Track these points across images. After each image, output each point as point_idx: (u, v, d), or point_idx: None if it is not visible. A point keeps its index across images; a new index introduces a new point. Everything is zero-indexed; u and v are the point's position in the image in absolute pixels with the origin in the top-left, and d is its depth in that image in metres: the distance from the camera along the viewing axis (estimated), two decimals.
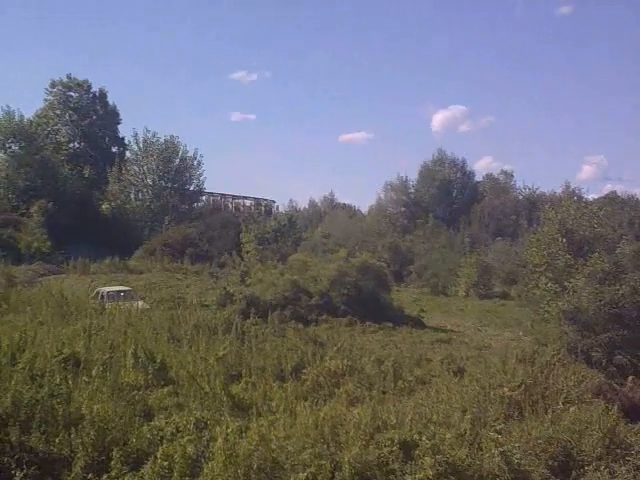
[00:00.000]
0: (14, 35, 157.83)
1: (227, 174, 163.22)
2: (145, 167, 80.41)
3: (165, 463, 12.53)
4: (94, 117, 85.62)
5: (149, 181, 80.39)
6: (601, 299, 24.97)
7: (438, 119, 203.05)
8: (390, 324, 34.63)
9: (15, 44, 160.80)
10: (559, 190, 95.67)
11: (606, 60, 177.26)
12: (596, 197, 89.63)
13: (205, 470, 12.55)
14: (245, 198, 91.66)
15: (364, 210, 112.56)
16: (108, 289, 38.63)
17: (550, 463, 15.50)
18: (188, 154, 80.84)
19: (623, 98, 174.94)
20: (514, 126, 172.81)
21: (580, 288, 26.67)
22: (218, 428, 14.20)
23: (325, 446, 13.43)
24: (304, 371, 20.66)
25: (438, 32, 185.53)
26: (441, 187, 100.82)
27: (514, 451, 14.70)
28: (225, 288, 37.12)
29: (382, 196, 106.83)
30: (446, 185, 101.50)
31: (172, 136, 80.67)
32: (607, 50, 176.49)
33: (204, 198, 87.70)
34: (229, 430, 13.82)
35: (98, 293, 37.73)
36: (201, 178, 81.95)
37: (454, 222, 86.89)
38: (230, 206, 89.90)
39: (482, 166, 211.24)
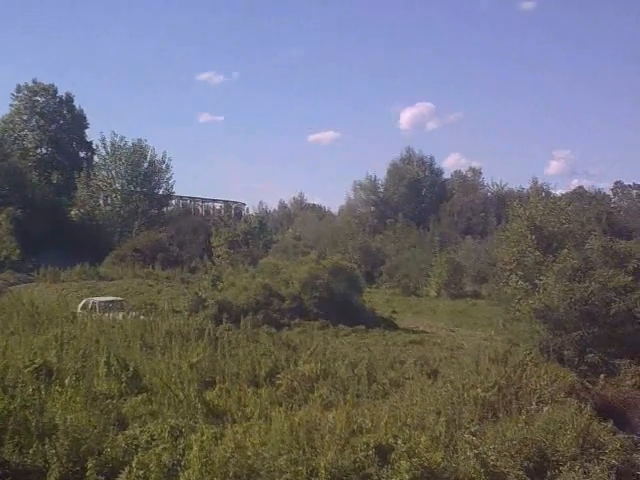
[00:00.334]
0: None
1: (196, 177, 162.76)
2: (113, 172, 79.60)
3: (141, 472, 12.45)
4: (61, 122, 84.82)
5: (118, 186, 79.60)
6: (571, 297, 25.12)
7: (406, 117, 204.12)
8: (362, 326, 34.63)
9: None
10: (527, 186, 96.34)
11: (572, 55, 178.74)
12: (564, 192, 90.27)
13: (181, 478, 12.50)
14: (215, 201, 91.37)
15: (334, 210, 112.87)
16: (99, 299, 37.68)
17: (525, 464, 15.56)
18: (156, 157, 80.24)
19: (590, 93, 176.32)
20: (482, 122, 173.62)
21: (550, 286, 26.81)
22: (193, 436, 14.16)
23: (301, 451, 13.41)
24: (278, 376, 20.62)
25: (404, 30, 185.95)
26: (410, 186, 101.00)
27: (489, 453, 14.77)
28: (197, 293, 37.01)
29: (352, 196, 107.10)
30: (415, 184, 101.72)
31: (140, 140, 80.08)
32: (573, 45, 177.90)
33: (174, 202, 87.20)
34: (204, 437, 13.78)
35: (87, 304, 36.20)
36: (170, 182, 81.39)
37: (424, 221, 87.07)
38: (200, 210, 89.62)
39: (450, 163, 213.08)
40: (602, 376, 23.00)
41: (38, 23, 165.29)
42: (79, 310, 34.50)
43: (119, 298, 39.37)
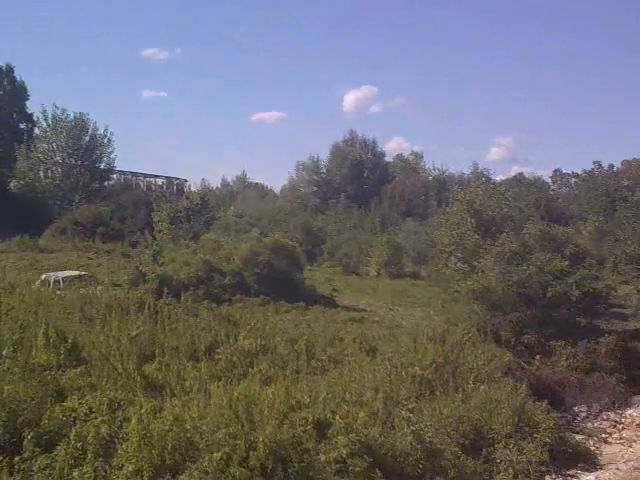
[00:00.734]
0: None
1: (139, 152, 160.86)
2: (54, 144, 78.12)
3: (78, 444, 12.27)
4: (1, 92, 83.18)
5: (58, 159, 78.20)
6: (509, 279, 25.47)
7: (350, 99, 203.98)
8: (303, 303, 34.66)
9: None
10: (468, 171, 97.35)
11: (514, 43, 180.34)
12: (504, 178, 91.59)
13: (119, 451, 12.37)
14: (157, 177, 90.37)
15: (277, 190, 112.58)
16: (62, 274, 35.52)
17: (461, 441, 15.84)
18: (98, 132, 79.00)
19: (531, 81, 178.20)
20: (425, 107, 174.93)
21: (488, 268, 27.17)
22: (132, 408, 14.02)
23: (239, 426, 13.36)
24: (218, 351, 20.47)
25: (350, 13, 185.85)
26: (352, 167, 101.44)
27: (426, 429, 14.94)
28: (137, 267, 36.69)
29: (294, 176, 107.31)
30: (357, 165, 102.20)
31: (82, 113, 78.57)
32: (516, 32, 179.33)
33: (115, 176, 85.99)
34: (143, 410, 13.62)
35: (48, 280, 33.91)
36: (112, 156, 80.00)
37: (365, 202, 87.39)
38: (142, 185, 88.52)
39: (393, 147, 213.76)
40: (538, 357, 23.40)
41: None
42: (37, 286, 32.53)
43: (85, 273, 37.36)
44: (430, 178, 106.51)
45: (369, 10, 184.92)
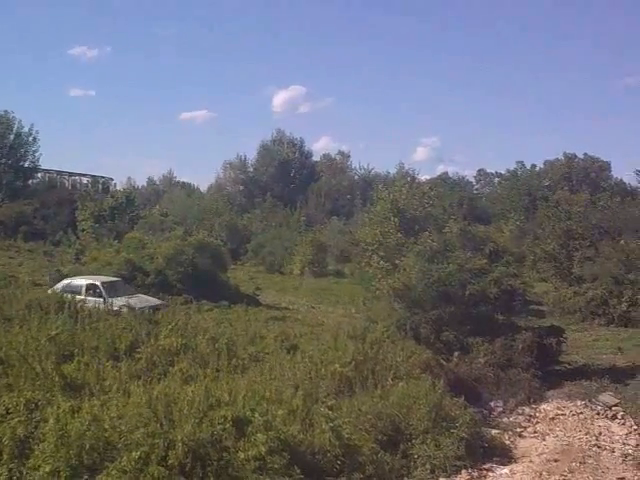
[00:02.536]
0: None
1: (65, 151, 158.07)
2: None
3: None
4: None
5: None
6: (429, 277, 25.75)
7: (279, 99, 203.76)
8: (226, 302, 34.64)
9: None
10: (393, 171, 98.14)
11: (441, 44, 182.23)
12: (429, 178, 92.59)
13: (36, 452, 12.33)
14: (82, 175, 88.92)
15: (203, 189, 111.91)
16: (100, 279, 32.30)
17: (379, 437, 16.06)
18: (23, 130, 77.77)
19: (456, 82, 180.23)
20: (353, 108, 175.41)
21: (409, 266, 27.43)
22: (49, 409, 13.87)
23: (158, 425, 13.36)
24: (138, 350, 20.35)
25: (279, 14, 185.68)
26: (279, 166, 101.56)
27: (344, 426, 15.12)
28: (58, 268, 36.27)
29: (221, 175, 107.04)
30: (284, 164, 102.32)
31: (6, 111, 77.03)
32: (442, 34, 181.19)
33: (40, 175, 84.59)
34: (60, 410, 13.55)
35: (82, 286, 30.71)
36: (37, 154, 78.67)
37: (292, 201, 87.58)
38: (66, 183, 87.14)
39: (321, 146, 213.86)
40: (456, 353, 23.75)
41: None
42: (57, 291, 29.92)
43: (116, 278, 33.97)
44: (356, 177, 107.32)
45: (298, 10, 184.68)
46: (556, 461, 17.47)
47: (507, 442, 19.05)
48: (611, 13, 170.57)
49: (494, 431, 19.61)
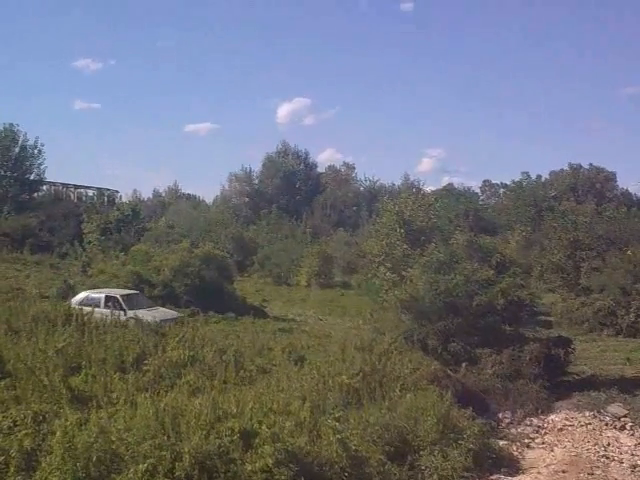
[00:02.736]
0: None
1: (70, 164, 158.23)
2: None
3: (1, 458, 12.20)
4: None
5: None
6: (436, 288, 25.72)
7: (283, 111, 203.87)
8: (233, 314, 34.70)
9: None
10: (398, 182, 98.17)
11: (446, 55, 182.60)
12: (434, 189, 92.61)
13: (43, 464, 12.29)
14: (88, 188, 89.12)
15: (208, 201, 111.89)
16: (118, 292, 32.26)
17: (387, 449, 16.02)
18: (28, 142, 77.85)
19: (462, 93, 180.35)
20: (357, 119, 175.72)
21: (416, 277, 27.42)
22: (57, 421, 13.86)
23: (165, 437, 13.34)
24: (145, 362, 20.34)
25: (284, 25, 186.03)
26: (284, 178, 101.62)
27: (352, 438, 15.09)
28: (65, 280, 36.28)
29: (226, 187, 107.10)
30: (289, 176, 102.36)
31: (11, 124, 77.26)
32: (447, 45, 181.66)
33: (45, 188, 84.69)
34: (68, 423, 13.52)
35: (101, 299, 30.45)
36: (42, 167, 78.68)
37: (297, 213, 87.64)
38: (72, 196, 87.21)
39: (325, 158, 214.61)
40: (464, 364, 23.73)
41: None
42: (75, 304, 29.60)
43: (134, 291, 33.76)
44: (361, 189, 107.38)
45: (301, 22, 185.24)
46: (564, 472, 17.43)
47: (515, 453, 19.05)
48: (614, 23, 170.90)
49: (502, 442, 19.58)
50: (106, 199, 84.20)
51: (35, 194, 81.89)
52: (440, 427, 17.39)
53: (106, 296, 30.82)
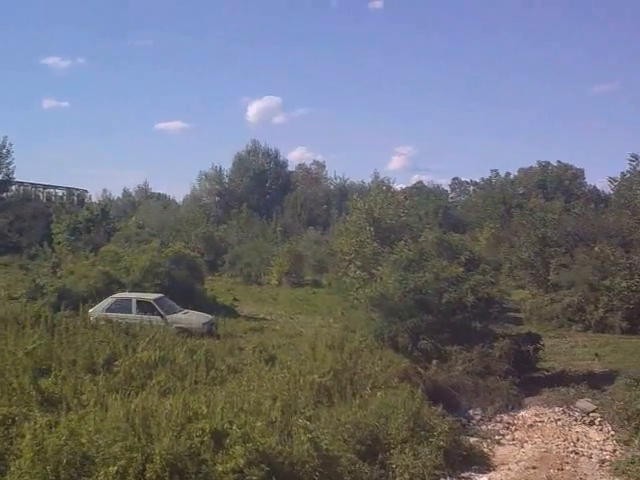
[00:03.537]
0: None
1: (39, 163, 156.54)
2: None
3: None
4: None
5: None
6: (406, 286, 25.80)
7: (253, 110, 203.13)
8: None
9: None
10: (369, 180, 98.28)
11: (417, 53, 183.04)
12: (404, 187, 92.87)
13: (12, 467, 12.27)
14: (57, 188, 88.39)
15: (179, 200, 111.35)
16: (150, 296, 31.68)
17: (358, 447, 16.09)
18: None
19: (432, 91, 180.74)
20: (328, 118, 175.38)
21: (386, 275, 27.51)
22: (26, 424, 13.81)
23: (136, 438, 13.32)
24: (116, 363, 20.33)
25: (253, 24, 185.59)
26: (255, 177, 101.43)
27: (323, 437, 15.13)
28: (34, 280, 36.00)
29: (197, 186, 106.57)
30: (260, 175, 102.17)
31: None
32: (417, 43, 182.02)
33: (14, 188, 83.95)
34: (37, 426, 13.46)
35: (131, 304, 30.11)
36: (11, 167, 78.08)
37: (268, 212, 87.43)
38: (41, 196, 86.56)
39: (296, 157, 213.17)
40: (434, 362, 23.85)
41: None
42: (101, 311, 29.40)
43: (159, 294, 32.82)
44: (332, 187, 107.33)
45: (272, 20, 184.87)
46: (534, 468, 17.58)
47: (486, 450, 19.16)
48: (583, 21, 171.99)
49: (473, 439, 19.70)
50: (76, 199, 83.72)
51: (4, 194, 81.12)
52: (411, 425, 17.50)
53: (137, 300, 30.43)
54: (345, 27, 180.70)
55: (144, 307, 29.90)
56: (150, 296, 31.42)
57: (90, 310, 29.51)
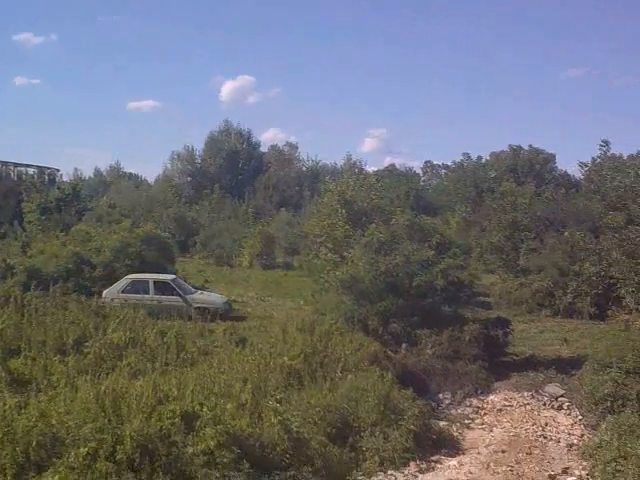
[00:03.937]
0: None
1: (9, 141, 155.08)
2: None
3: None
4: None
5: None
6: (377, 269, 25.90)
7: (226, 90, 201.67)
8: None
9: None
10: (341, 162, 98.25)
11: (389, 36, 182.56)
12: (376, 169, 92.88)
13: None
14: (28, 166, 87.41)
15: (151, 180, 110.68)
16: (167, 276, 32.68)
17: (328, 430, 16.20)
18: None
19: (405, 73, 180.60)
20: (301, 99, 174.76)
21: (357, 258, 27.58)
22: None
23: (106, 420, 13.35)
24: (86, 344, 20.26)
25: (228, 3, 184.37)
26: (227, 158, 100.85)
27: (293, 420, 15.21)
28: (5, 260, 35.71)
29: (169, 166, 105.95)
30: (232, 155, 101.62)
31: None
32: (389, 26, 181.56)
33: None
34: (7, 407, 13.48)
35: (149, 285, 30.76)
36: None
37: (240, 193, 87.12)
38: (12, 174, 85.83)
39: (269, 137, 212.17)
40: (404, 345, 24.03)
41: None
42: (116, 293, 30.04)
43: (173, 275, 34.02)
44: (304, 169, 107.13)
45: (245, 2, 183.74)
46: (503, 452, 17.80)
47: (455, 434, 19.35)
48: (555, 5, 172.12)
49: (442, 423, 19.89)
50: (47, 178, 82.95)
51: None
52: (381, 408, 17.61)
53: (155, 281, 30.88)
54: (319, 9, 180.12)
55: (162, 288, 30.47)
56: (167, 277, 32.09)
57: (104, 292, 30.19)
